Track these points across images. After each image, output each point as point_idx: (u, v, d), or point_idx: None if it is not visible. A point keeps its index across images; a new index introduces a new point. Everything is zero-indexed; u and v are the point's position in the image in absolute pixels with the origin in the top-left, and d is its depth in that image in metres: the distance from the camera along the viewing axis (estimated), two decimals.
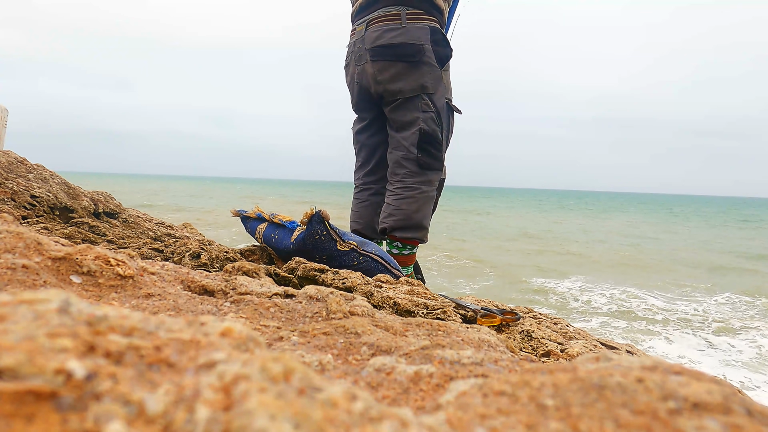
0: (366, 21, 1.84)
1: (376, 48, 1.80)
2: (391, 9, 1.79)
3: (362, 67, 1.88)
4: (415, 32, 1.78)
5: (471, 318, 1.15)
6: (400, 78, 1.81)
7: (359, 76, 1.91)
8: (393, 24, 1.78)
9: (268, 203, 28.09)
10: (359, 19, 1.91)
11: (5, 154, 1.94)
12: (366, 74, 1.88)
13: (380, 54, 1.80)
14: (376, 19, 1.82)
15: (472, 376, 0.44)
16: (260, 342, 0.34)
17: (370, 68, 1.85)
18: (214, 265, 1.42)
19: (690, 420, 0.27)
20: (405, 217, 1.85)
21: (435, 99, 1.83)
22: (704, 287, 9.10)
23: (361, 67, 1.88)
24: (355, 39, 1.91)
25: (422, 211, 1.87)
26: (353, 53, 1.93)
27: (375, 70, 1.84)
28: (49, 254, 0.63)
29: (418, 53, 1.78)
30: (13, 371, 0.23)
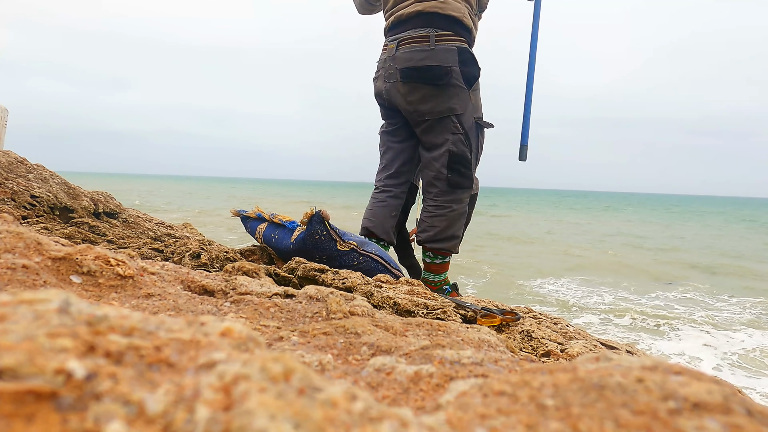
0: (397, 40, 1.91)
1: (405, 69, 1.88)
2: (421, 31, 1.85)
3: (392, 84, 1.95)
4: (443, 54, 1.83)
5: (471, 318, 1.15)
6: (429, 100, 1.87)
7: (388, 92, 1.98)
8: (422, 46, 1.85)
9: (266, 203, 28.10)
10: (391, 36, 1.98)
11: (5, 154, 1.94)
12: (396, 93, 1.95)
13: (409, 76, 1.87)
14: (406, 39, 1.89)
15: (472, 376, 0.44)
16: (260, 342, 0.34)
17: (401, 88, 1.92)
18: (214, 265, 1.42)
19: (690, 420, 0.27)
20: (436, 233, 1.96)
21: (463, 120, 1.90)
22: (705, 288, 9.10)
23: (390, 84, 1.96)
24: (386, 56, 1.98)
25: (453, 227, 1.97)
26: (384, 69, 2.00)
27: (405, 90, 1.91)
28: (49, 254, 0.63)
29: (445, 75, 1.83)
30: (13, 371, 0.23)
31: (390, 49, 1.94)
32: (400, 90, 1.92)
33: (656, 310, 7.49)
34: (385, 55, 2.00)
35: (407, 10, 1.89)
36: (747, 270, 11.62)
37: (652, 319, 6.93)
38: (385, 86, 1.98)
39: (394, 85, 1.93)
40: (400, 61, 1.89)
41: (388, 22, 2.02)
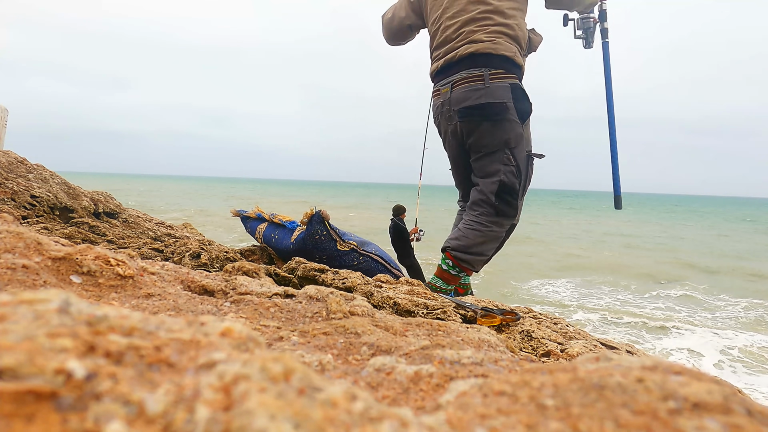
0: (451, 83, 2.01)
1: (462, 109, 1.98)
2: (474, 71, 1.94)
3: (453, 126, 2.06)
4: (498, 91, 1.92)
5: (471, 318, 1.15)
6: (486, 135, 1.97)
7: (452, 134, 2.10)
8: (477, 85, 1.94)
9: (266, 203, 28.06)
10: (441, 79, 2.07)
11: (5, 154, 1.94)
12: (457, 133, 2.07)
13: (467, 114, 1.97)
14: (460, 81, 1.98)
15: (472, 376, 0.44)
16: (260, 342, 0.34)
17: (460, 127, 2.03)
18: (214, 265, 1.42)
19: (690, 420, 0.27)
20: (467, 244, 2.01)
21: (516, 153, 1.99)
22: (702, 288, 9.09)
23: (452, 126, 2.07)
24: (441, 100, 2.08)
25: (485, 245, 2.03)
26: (442, 114, 2.10)
27: (464, 129, 2.02)
28: (49, 254, 0.63)
29: (502, 111, 1.93)
30: (13, 371, 0.23)
31: (444, 93, 2.05)
32: (459, 129, 2.03)
33: (656, 309, 7.49)
34: (440, 101, 2.09)
35: (460, 52, 1.97)
36: (746, 270, 11.63)
37: (652, 318, 6.93)
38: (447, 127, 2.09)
39: (454, 126, 2.05)
40: (456, 101, 1.99)
41: (436, 65, 2.10)
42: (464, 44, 1.95)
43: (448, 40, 2.02)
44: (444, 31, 2.04)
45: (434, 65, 2.12)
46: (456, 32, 1.99)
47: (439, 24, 2.07)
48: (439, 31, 2.07)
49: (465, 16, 1.96)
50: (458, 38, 1.98)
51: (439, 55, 2.07)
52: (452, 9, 2.00)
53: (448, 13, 2.01)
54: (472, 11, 1.95)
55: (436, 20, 2.09)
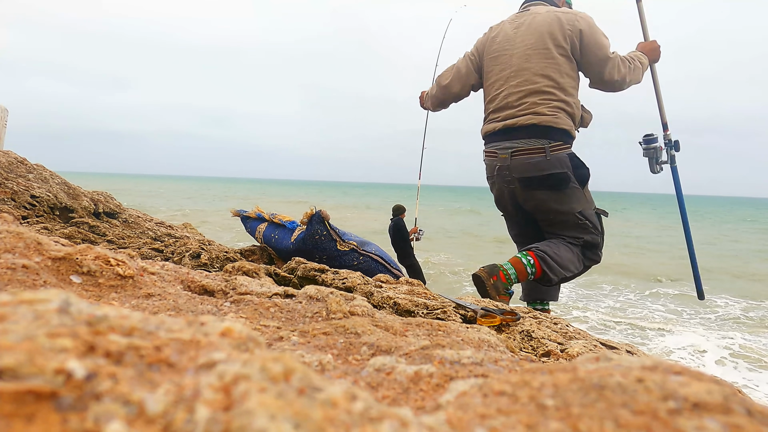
0: (510, 151, 2.11)
1: (525, 179, 2.10)
2: (535, 143, 2.06)
3: (511, 190, 2.19)
4: (559, 162, 2.06)
5: (471, 318, 1.15)
6: (550, 203, 2.12)
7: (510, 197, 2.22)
8: (538, 157, 2.06)
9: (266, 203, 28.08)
10: (497, 143, 2.18)
11: (5, 154, 1.94)
12: (515, 197, 2.20)
13: (531, 184, 2.10)
14: (521, 150, 2.09)
15: (472, 376, 0.44)
16: (260, 342, 0.34)
17: (521, 194, 2.15)
18: (214, 265, 1.42)
19: (690, 420, 0.27)
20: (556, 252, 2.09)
21: (588, 215, 2.14)
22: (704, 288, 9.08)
23: (509, 190, 2.19)
24: (499, 165, 2.18)
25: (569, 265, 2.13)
26: (499, 176, 2.20)
27: (527, 196, 2.14)
28: (49, 254, 0.63)
29: (564, 181, 2.07)
30: (13, 371, 0.23)
31: (503, 159, 2.15)
32: (521, 196, 2.16)
33: (656, 309, 7.49)
34: (497, 163, 2.19)
35: (521, 121, 2.08)
36: (744, 270, 11.63)
37: (652, 318, 6.93)
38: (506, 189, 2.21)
39: (514, 191, 2.18)
40: (518, 170, 2.11)
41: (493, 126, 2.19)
42: (527, 114, 2.07)
43: (510, 106, 2.13)
44: (506, 97, 2.15)
45: (491, 126, 2.22)
46: (519, 101, 2.09)
47: (501, 89, 2.18)
48: (500, 95, 2.17)
49: (530, 87, 2.07)
50: (521, 107, 2.09)
51: (498, 117, 2.18)
52: (518, 78, 2.10)
53: (513, 81, 2.12)
54: (537, 83, 2.06)
55: (497, 83, 2.19)
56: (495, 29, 2.28)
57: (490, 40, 2.26)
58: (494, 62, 2.22)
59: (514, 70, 2.12)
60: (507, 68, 2.15)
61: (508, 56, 2.15)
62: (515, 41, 2.15)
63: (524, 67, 2.09)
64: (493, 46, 2.23)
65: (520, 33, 2.14)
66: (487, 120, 2.26)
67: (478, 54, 2.33)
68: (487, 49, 2.26)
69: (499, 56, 2.20)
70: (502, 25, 2.27)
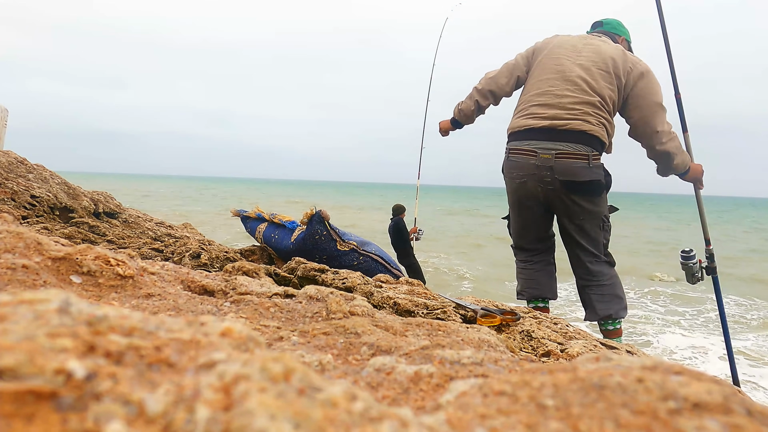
0: (554, 152, 2.17)
1: (570, 182, 2.18)
2: (581, 148, 2.14)
3: (551, 191, 2.23)
4: (597, 171, 2.19)
5: (471, 318, 1.15)
6: (586, 204, 2.22)
7: (544, 195, 2.26)
8: (582, 163, 2.15)
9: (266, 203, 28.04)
10: (536, 141, 2.22)
11: (5, 154, 1.94)
12: (555, 198, 2.25)
13: (573, 188, 2.19)
14: (566, 154, 2.15)
15: (472, 376, 0.44)
16: (260, 342, 0.34)
17: (562, 196, 2.22)
18: (214, 265, 1.42)
19: (690, 420, 0.27)
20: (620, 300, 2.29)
21: (608, 216, 2.33)
22: (702, 288, 9.09)
23: (549, 190, 2.23)
24: (539, 164, 2.20)
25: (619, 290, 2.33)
26: (535, 175, 2.23)
27: (565, 198, 2.22)
28: (49, 254, 0.63)
29: (600, 188, 2.21)
30: (13, 371, 0.23)
31: (544, 159, 2.19)
32: (558, 197, 2.23)
33: (655, 309, 7.49)
34: (535, 162, 2.22)
35: (572, 125, 2.14)
36: (743, 270, 11.65)
37: (651, 318, 6.93)
38: (540, 189, 2.25)
39: (551, 192, 2.23)
40: (562, 173, 2.17)
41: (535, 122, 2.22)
42: (578, 120, 2.15)
43: (560, 107, 2.17)
44: (559, 97, 2.18)
45: (531, 121, 2.24)
46: (573, 105, 2.16)
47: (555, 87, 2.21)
48: (553, 92, 2.20)
49: (586, 97, 2.15)
50: (573, 111, 2.15)
51: (543, 115, 2.21)
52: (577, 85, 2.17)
53: (570, 85, 2.17)
54: (593, 96, 2.15)
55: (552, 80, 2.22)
56: (561, 37, 2.33)
57: (553, 43, 2.30)
58: (553, 61, 2.24)
59: (575, 76, 2.18)
60: (568, 71, 2.20)
61: (571, 62, 2.21)
62: (581, 52, 2.22)
63: (585, 79, 2.16)
64: (555, 48, 2.27)
65: (587, 49, 2.22)
66: (527, 114, 2.26)
67: (534, 50, 2.36)
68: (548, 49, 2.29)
69: (560, 58, 2.23)
70: (569, 36, 2.33)
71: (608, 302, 2.29)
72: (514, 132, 2.32)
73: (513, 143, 2.31)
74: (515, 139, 2.30)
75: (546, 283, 2.45)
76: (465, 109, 2.54)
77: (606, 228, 2.32)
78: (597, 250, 2.30)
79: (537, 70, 2.29)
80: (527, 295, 2.45)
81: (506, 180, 2.41)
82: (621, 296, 2.31)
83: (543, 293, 2.44)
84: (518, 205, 2.40)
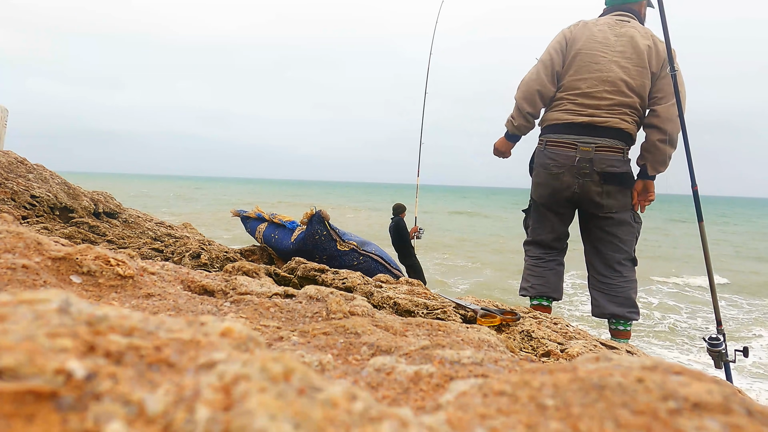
0: (593, 146, 2.25)
1: (607, 174, 2.25)
2: (618, 143, 2.25)
3: (586, 182, 2.28)
4: (628, 165, 2.31)
5: (471, 318, 1.15)
6: (618, 198, 2.30)
7: (581, 187, 2.29)
8: (619, 156, 2.26)
9: (265, 204, 28.01)
10: (575, 135, 2.28)
11: (5, 154, 1.94)
12: (589, 189, 2.29)
13: (610, 179, 2.26)
14: (606, 147, 2.25)
15: (472, 376, 0.44)
16: (260, 342, 0.34)
17: (595, 187, 2.28)
18: (214, 265, 1.42)
19: (690, 420, 0.27)
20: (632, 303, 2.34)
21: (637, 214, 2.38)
22: (696, 285, 9.10)
23: (584, 182, 2.28)
24: (579, 156, 2.27)
25: (635, 291, 2.38)
26: (574, 167, 2.28)
27: (601, 189, 2.28)
28: (49, 254, 0.63)
29: (630, 180, 2.31)
30: (13, 371, 0.23)
31: (584, 151, 2.27)
32: (593, 188, 2.28)
33: (655, 307, 7.50)
34: (575, 155, 2.28)
35: (611, 123, 2.24)
36: (741, 268, 11.67)
37: (651, 317, 6.93)
38: (576, 182, 2.30)
39: (588, 183, 2.28)
40: (600, 164, 2.24)
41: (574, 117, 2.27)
42: (617, 118, 2.24)
43: (599, 107, 2.25)
44: (597, 99, 2.25)
45: (570, 116, 2.30)
46: (612, 105, 2.24)
47: (594, 88, 2.26)
48: (592, 94, 2.26)
49: (623, 99, 2.24)
50: (612, 111, 2.24)
51: (582, 112, 2.28)
52: (615, 86, 2.23)
53: (609, 87, 2.24)
54: (631, 97, 2.23)
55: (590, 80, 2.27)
56: (591, 26, 2.32)
57: (585, 36, 2.30)
58: (590, 58, 2.26)
59: (615, 77, 2.22)
60: (605, 71, 2.24)
61: (607, 60, 2.24)
62: (615, 48, 2.24)
63: (625, 80, 2.22)
64: (589, 43, 2.28)
65: (621, 43, 2.24)
66: (565, 110, 2.30)
67: (567, 42, 2.35)
68: (581, 43, 2.29)
69: (596, 55, 2.25)
70: (600, 25, 2.31)
71: (623, 302, 2.31)
72: (551, 125, 2.35)
73: (551, 135, 2.34)
74: (553, 132, 2.34)
75: (555, 282, 2.47)
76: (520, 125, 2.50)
77: (638, 221, 2.36)
78: (625, 246, 2.33)
79: (573, 67, 2.30)
80: (534, 291, 2.46)
81: (539, 171, 2.40)
82: (635, 297, 2.34)
83: (550, 292, 2.46)
84: (547, 198, 2.41)
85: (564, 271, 2.53)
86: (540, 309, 2.44)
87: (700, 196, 2.27)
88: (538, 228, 2.51)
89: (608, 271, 2.36)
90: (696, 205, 2.28)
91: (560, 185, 2.33)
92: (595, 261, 2.40)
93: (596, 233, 2.38)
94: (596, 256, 2.40)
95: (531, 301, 2.48)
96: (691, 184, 2.34)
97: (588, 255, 2.45)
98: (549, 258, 2.49)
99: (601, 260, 2.37)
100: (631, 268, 2.38)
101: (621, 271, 2.35)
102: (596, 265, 2.40)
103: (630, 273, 2.37)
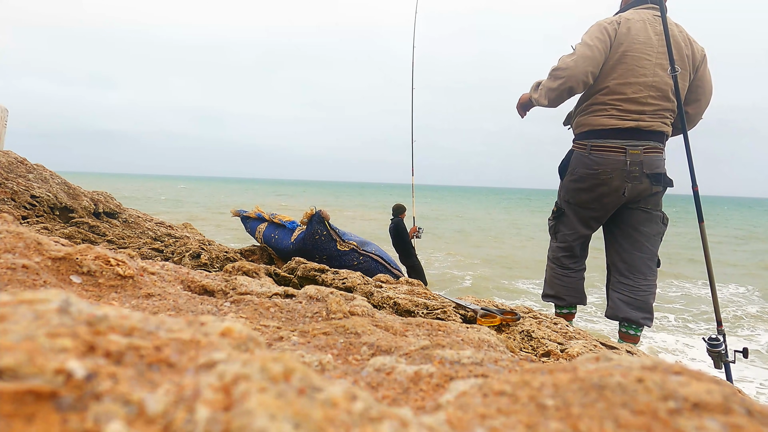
0: (641, 148, 2.28)
1: (654, 175, 2.30)
2: (659, 144, 2.31)
3: (633, 186, 2.31)
4: (664, 164, 2.35)
5: (471, 318, 1.15)
6: (657, 197, 2.37)
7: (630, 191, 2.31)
8: (661, 156, 2.32)
9: (265, 204, 27.98)
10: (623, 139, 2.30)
11: (5, 154, 1.94)
12: (634, 190, 2.32)
13: (656, 179, 2.32)
14: (652, 149, 2.29)
15: (472, 376, 0.44)
16: (260, 342, 0.34)
17: (641, 187, 2.31)
18: (214, 265, 1.42)
19: (690, 420, 0.27)
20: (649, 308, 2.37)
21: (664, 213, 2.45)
22: (701, 283, 9.10)
23: (632, 185, 2.31)
24: (629, 159, 2.29)
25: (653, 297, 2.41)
26: (624, 171, 2.29)
27: (643, 189, 2.31)
28: (49, 254, 0.63)
29: (671, 182, 2.37)
30: (13, 371, 0.23)
31: (633, 155, 2.30)
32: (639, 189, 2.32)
33: (654, 309, 7.50)
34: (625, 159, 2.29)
35: (655, 126, 2.29)
36: (740, 266, 11.68)
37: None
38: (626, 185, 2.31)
39: (634, 188, 2.31)
40: (650, 166, 2.29)
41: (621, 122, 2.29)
42: (659, 122, 2.30)
43: (644, 112, 2.28)
44: (642, 104, 2.27)
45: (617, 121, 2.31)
46: (656, 109, 2.28)
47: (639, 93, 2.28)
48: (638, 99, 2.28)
49: (667, 105, 2.29)
50: (656, 113, 2.29)
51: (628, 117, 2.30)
52: (660, 91, 2.26)
53: (654, 92, 2.27)
54: (672, 101, 2.28)
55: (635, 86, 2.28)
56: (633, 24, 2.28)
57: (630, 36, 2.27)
58: (635, 62, 2.26)
59: (658, 82, 2.25)
60: (650, 76, 2.25)
61: (652, 65, 2.25)
62: (658, 49, 2.24)
63: (667, 83, 2.25)
64: (633, 44, 2.26)
65: (662, 43, 2.24)
66: (610, 115, 2.31)
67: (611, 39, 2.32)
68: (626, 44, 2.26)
69: (641, 59, 2.25)
70: (641, 23, 2.28)
71: (641, 307, 2.34)
72: (596, 130, 2.35)
73: (596, 141, 2.34)
74: (598, 137, 2.34)
75: (582, 290, 2.55)
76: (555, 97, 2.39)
77: (665, 222, 2.41)
78: (651, 245, 2.38)
79: (618, 70, 2.28)
80: (567, 302, 2.52)
81: (582, 176, 2.38)
82: (653, 303, 2.37)
83: (581, 301, 2.54)
84: (590, 202, 2.41)
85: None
86: (569, 317, 2.54)
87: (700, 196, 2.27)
88: (569, 234, 2.52)
89: (631, 273, 2.38)
90: (696, 206, 2.28)
91: (608, 189, 2.33)
92: (618, 262, 2.42)
93: (625, 230, 2.41)
94: (620, 257, 2.41)
95: (560, 309, 2.52)
96: (692, 185, 2.34)
97: (611, 256, 2.47)
98: (577, 267, 2.55)
99: (625, 261, 2.39)
100: (655, 271, 2.40)
101: (646, 274, 2.38)
102: (619, 266, 2.42)
103: (653, 276, 2.39)
